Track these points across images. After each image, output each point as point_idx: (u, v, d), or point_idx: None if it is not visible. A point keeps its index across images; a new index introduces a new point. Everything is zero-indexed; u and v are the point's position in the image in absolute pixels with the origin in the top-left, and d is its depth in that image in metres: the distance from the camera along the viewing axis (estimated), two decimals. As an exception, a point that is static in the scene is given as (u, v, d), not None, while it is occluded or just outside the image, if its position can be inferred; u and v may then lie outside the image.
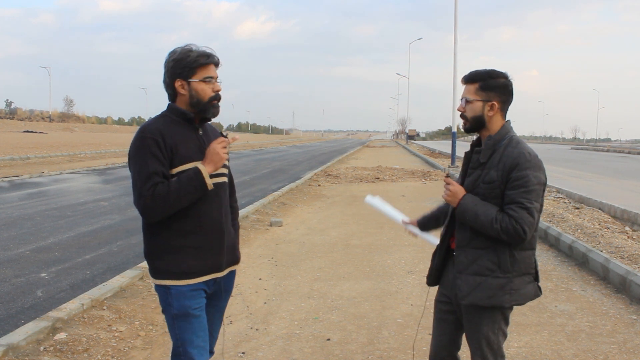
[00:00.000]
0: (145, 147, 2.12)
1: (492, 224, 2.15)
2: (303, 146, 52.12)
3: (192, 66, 2.17)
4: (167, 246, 2.20)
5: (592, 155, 40.88)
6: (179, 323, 2.22)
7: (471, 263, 2.24)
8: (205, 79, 2.19)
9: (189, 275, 2.20)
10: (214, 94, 2.21)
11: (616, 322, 4.28)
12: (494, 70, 2.31)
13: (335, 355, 3.64)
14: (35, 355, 3.45)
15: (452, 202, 2.28)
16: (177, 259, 2.19)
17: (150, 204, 2.09)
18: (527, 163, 2.16)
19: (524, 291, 2.26)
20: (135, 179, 2.13)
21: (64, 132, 55.20)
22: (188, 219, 2.19)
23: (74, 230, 7.63)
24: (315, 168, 20.17)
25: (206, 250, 2.23)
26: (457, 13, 21.43)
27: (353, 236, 7.55)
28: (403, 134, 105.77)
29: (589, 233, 7.50)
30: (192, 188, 2.12)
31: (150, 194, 2.08)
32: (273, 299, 4.78)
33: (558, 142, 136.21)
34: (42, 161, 20.96)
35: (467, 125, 2.32)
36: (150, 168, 2.10)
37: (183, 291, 2.20)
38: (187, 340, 2.22)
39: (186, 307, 2.20)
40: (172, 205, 2.11)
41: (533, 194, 2.15)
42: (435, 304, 2.52)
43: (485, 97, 2.26)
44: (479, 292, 2.23)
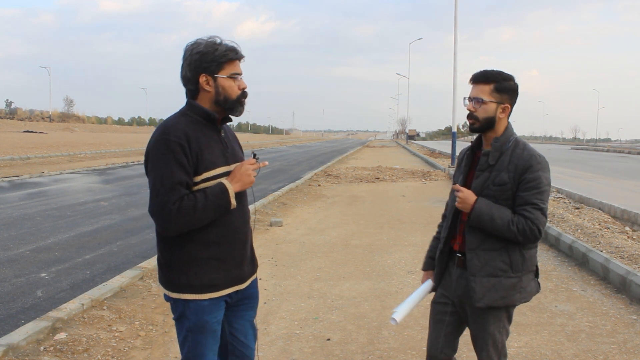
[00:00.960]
0: (170, 153, 1.94)
1: (509, 226, 2.16)
2: (303, 146, 52.12)
3: (220, 61, 2.01)
4: (188, 258, 2.05)
5: (592, 155, 40.88)
6: (194, 336, 2.10)
7: (484, 265, 2.24)
8: (232, 74, 2.05)
9: (210, 289, 2.07)
10: (242, 92, 2.08)
11: (616, 322, 4.28)
12: (503, 72, 2.30)
13: (335, 355, 3.64)
14: (35, 355, 3.45)
15: (465, 208, 2.25)
16: (199, 271, 2.05)
17: (175, 218, 1.93)
18: (539, 165, 2.19)
19: (529, 288, 2.31)
20: (157, 187, 1.95)
21: (64, 132, 55.20)
22: (212, 229, 2.05)
23: (74, 230, 7.63)
24: (315, 168, 20.17)
25: (229, 261, 2.11)
26: (457, 13, 21.43)
27: (353, 236, 7.55)
28: (403, 134, 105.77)
29: (589, 233, 7.50)
30: (217, 206, 1.99)
31: (177, 207, 1.92)
32: (273, 299, 4.78)
33: (558, 142, 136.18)
34: (42, 161, 20.96)
35: (476, 126, 2.29)
36: (176, 178, 1.93)
37: (202, 305, 2.07)
38: (198, 354, 2.11)
39: (204, 322, 2.08)
40: (195, 221, 1.97)
41: (545, 194, 2.19)
42: (433, 305, 2.51)
43: (499, 99, 2.26)
44: (494, 293, 2.23)
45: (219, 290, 2.10)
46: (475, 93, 2.28)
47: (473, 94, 2.29)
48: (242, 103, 2.11)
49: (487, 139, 2.33)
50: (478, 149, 2.38)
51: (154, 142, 2.00)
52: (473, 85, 2.30)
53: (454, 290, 2.38)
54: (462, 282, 2.33)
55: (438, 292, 2.49)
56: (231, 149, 2.17)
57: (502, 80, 2.25)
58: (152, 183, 1.98)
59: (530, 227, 2.15)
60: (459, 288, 2.35)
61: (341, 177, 16.24)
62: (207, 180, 2.02)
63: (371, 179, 15.71)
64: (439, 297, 2.48)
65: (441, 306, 2.45)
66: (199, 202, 1.95)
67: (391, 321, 2.35)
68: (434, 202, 10.86)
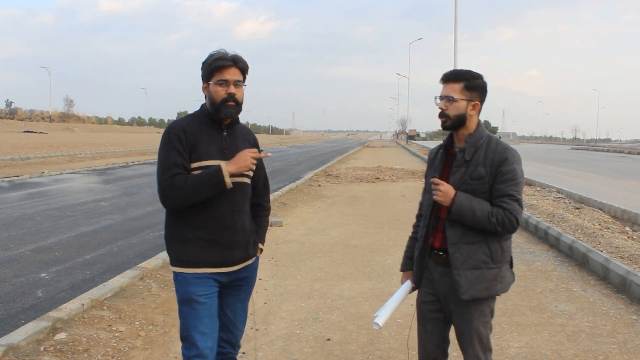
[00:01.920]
0: (169, 142, 2.30)
1: (489, 218, 2.24)
2: (303, 146, 52.13)
3: (209, 69, 2.32)
4: (179, 236, 2.35)
5: (592, 156, 40.88)
6: (184, 308, 2.36)
7: (466, 258, 2.30)
8: (218, 81, 2.30)
9: (195, 265, 2.33)
10: (226, 96, 2.31)
11: (616, 322, 4.28)
12: (472, 70, 2.39)
13: (335, 355, 3.64)
14: (35, 355, 3.45)
15: (445, 202, 2.29)
16: (186, 248, 2.33)
17: (168, 192, 2.26)
18: (513, 158, 2.30)
19: (507, 278, 2.39)
20: (158, 169, 2.31)
21: (64, 132, 55.23)
22: (201, 212, 2.32)
23: (74, 230, 7.63)
24: (315, 168, 20.17)
25: (216, 244, 2.34)
26: (457, 13, 21.45)
27: (353, 236, 7.55)
28: (403, 134, 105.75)
29: (589, 233, 7.50)
30: (210, 183, 2.25)
31: (169, 183, 2.25)
32: (273, 299, 4.78)
33: (558, 142, 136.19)
34: (42, 161, 20.96)
35: (448, 123, 2.36)
36: (172, 160, 2.27)
37: (187, 278, 2.33)
38: (190, 325, 2.33)
39: (190, 293, 2.32)
40: (188, 195, 2.25)
41: (520, 186, 2.30)
42: (420, 306, 2.53)
43: (469, 97, 2.34)
44: (478, 285, 2.29)
45: (204, 268, 2.34)
46: (446, 92, 2.35)
47: (444, 93, 2.36)
48: (227, 106, 2.32)
49: (459, 136, 2.40)
50: (451, 146, 2.45)
51: (163, 134, 2.36)
52: (443, 84, 2.38)
53: (438, 288, 2.43)
54: (446, 279, 2.37)
55: (423, 292, 2.51)
56: (234, 147, 2.39)
57: (472, 79, 2.34)
58: (157, 165, 2.34)
59: (508, 217, 2.23)
60: (443, 285, 2.39)
61: (341, 177, 16.25)
62: (200, 169, 2.30)
63: (371, 179, 15.71)
64: (425, 295, 2.50)
65: (430, 305, 2.48)
66: (191, 179, 2.25)
67: (374, 325, 2.39)
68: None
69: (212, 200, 2.30)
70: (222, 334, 2.49)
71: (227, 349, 2.52)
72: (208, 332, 2.34)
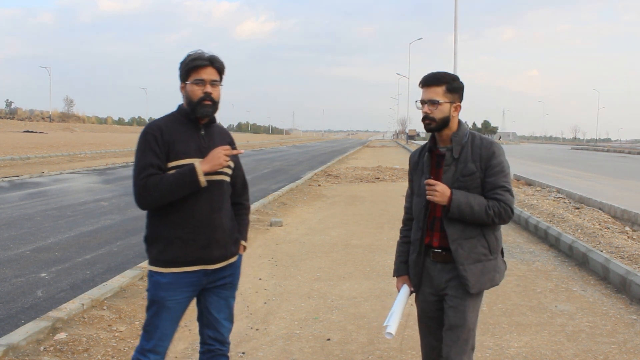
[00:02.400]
0: (145, 142, 2.32)
1: (487, 211, 2.32)
2: (303, 146, 52.13)
3: (186, 69, 2.33)
4: (156, 236, 2.38)
5: (592, 155, 40.90)
6: (152, 308, 2.41)
7: (469, 253, 2.36)
8: (195, 81, 2.32)
9: (172, 264, 2.34)
10: (203, 95, 2.32)
11: (616, 322, 4.28)
12: (449, 72, 2.45)
13: (335, 355, 3.64)
14: (35, 355, 3.45)
15: (442, 201, 2.34)
16: (164, 248, 2.35)
17: (142, 192, 2.27)
18: (499, 151, 2.40)
19: (502, 267, 2.49)
20: (134, 171, 2.32)
21: (64, 132, 55.22)
22: (178, 212, 2.33)
23: (74, 230, 7.63)
24: (315, 168, 20.18)
25: (194, 242, 2.35)
26: (457, 13, 21.43)
27: (353, 236, 7.55)
28: (403, 134, 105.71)
29: (589, 233, 7.50)
30: (184, 182, 2.26)
31: (143, 183, 2.26)
32: (273, 299, 4.78)
33: (558, 142, 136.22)
34: (42, 161, 20.96)
35: (433, 126, 2.40)
36: (147, 160, 2.28)
37: (161, 282, 2.35)
38: (152, 324, 2.40)
39: (160, 297, 2.36)
40: (162, 195, 2.26)
41: (509, 177, 2.40)
42: (422, 305, 2.56)
43: (451, 99, 2.40)
44: (483, 277, 2.38)
45: (181, 266, 2.35)
46: (430, 95, 2.39)
47: (427, 97, 2.40)
48: (203, 105, 2.33)
49: (442, 137, 2.44)
50: (435, 148, 2.49)
51: (139, 136, 2.37)
52: (425, 88, 2.41)
53: (437, 285, 2.46)
54: (444, 275, 2.42)
55: (425, 292, 2.53)
56: (212, 146, 2.39)
57: (452, 81, 2.40)
58: (133, 166, 2.35)
59: (504, 208, 2.32)
60: (441, 281, 2.44)
61: (341, 177, 16.25)
62: (177, 168, 2.31)
63: (371, 179, 15.71)
64: (427, 295, 2.52)
65: (433, 304, 2.51)
66: (165, 178, 2.26)
67: (387, 335, 2.43)
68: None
69: (189, 200, 2.31)
70: (209, 332, 2.52)
71: (216, 345, 2.54)
72: (167, 333, 2.42)
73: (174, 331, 2.46)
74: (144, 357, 2.41)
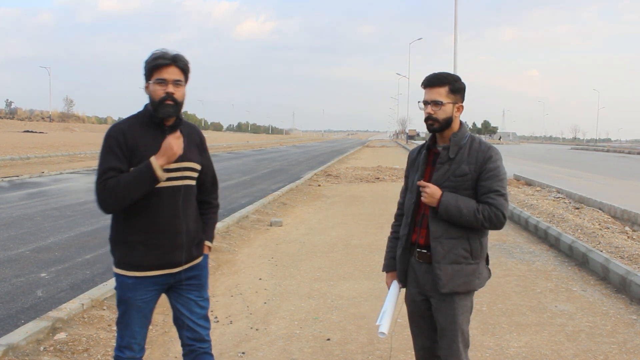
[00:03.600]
0: (107, 146, 2.29)
1: (475, 215, 2.31)
2: (303, 146, 52.12)
3: (148, 68, 2.29)
4: (120, 239, 2.37)
5: (592, 156, 40.90)
6: (121, 308, 2.41)
7: (447, 252, 2.36)
8: (157, 80, 2.27)
9: (136, 268, 2.34)
10: (164, 95, 2.27)
11: (616, 322, 4.28)
12: (451, 73, 2.45)
13: (335, 355, 3.64)
14: (35, 355, 3.45)
15: (432, 203, 2.36)
16: (126, 252, 2.35)
17: (101, 195, 2.24)
18: (497, 155, 2.38)
19: (484, 274, 2.46)
20: (96, 172, 2.29)
21: (64, 132, 55.21)
22: (139, 217, 2.31)
23: (74, 230, 7.63)
24: (315, 168, 20.17)
25: (156, 247, 2.34)
26: (457, 13, 21.43)
27: (353, 236, 7.55)
28: (403, 134, 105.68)
29: (589, 233, 7.50)
30: (142, 179, 2.22)
31: (102, 187, 2.23)
32: (273, 299, 4.78)
33: (558, 142, 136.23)
34: (42, 161, 20.96)
35: (436, 126, 2.40)
36: (107, 164, 2.25)
37: (127, 283, 2.36)
38: (123, 322, 2.41)
39: (127, 298, 2.37)
40: (121, 196, 2.22)
41: (504, 182, 2.38)
42: (411, 305, 2.57)
43: (454, 100, 2.40)
44: (457, 279, 2.36)
45: (145, 271, 2.35)
46: (433, 96, 2.39)
47: (431, 97, 2.40)
48: (165, 105, 2.28)
49: (442, 137, 2.46)
50: (433, 146, 2.50)
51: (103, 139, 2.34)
52: (428, 89, 2.41)
53: (423, 285, 2.47)
54: (429, 277, 2.43)
55: (413, 292, 2.54)
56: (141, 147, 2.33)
57: (454, 82, 2.40)
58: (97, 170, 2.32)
59: (495, 212, 2.30)
60: (427, 282, 2.44)
61: (341, 177, 16.25)
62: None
63: (371, 179, 15.71)
64: (415, 295, 2.53)
65: (421, 304, 2.52)
66: (122, 178, 2.23)
67: (380, 335, 2.42)
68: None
69: (151, 205, 2.30)
70: (186, 333, 2.50)
71: (196, 345, 2.52)
72: (138, 330, 2.42)
73: (146, 326, 2.47)
74: (121, 353, 2.43)
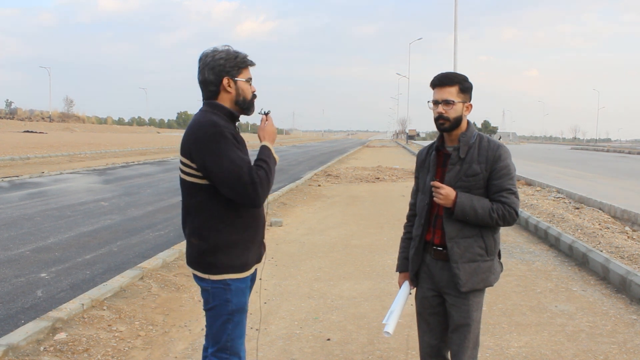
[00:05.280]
0: (230, 141, 2.18)
1: (490, 214, 2.34)
2: (303, 146, 52.11)
3: (240, 66, 2.30)
4: (229, 241, 2.27)
5: (592, 155, 40.91)
6: (236, 319, 2.32)
7: (464, 252, 2.38)
8: (248, 79, 2.35)
9: (246, 267, 2.33)
10: (253, 94, 2.38)
11: (616, 322, 4.28)
12: (459, 73, 2.48)
13: (335, 355, 3.64)
14: (35, 355, 3.45)
15: (447, 204, 2.37)
16: (239, 252, 2.30)
17: (261, 187, 2.17)
18: (506, 154, 2.40)
19: (498, 269, 2.50)
20: (236, 170, 2.13)
21: (64, 132, 55.23)
22: (247, 213, 2.30)
23: (74, 230, 7.63)
24: (315, 168, 20.17)
25: (257, 241, 2.39)
26: (457, 13, 21.44)
27: (353, 236, 7.55)
28: (403, 134, 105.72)
29: (589, 233, 7.50)
30: (273, 164, 2.30)
31: (260, 179, 2.17)
32: (273, 299, 4.78)
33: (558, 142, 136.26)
34: (42, 161, 20.96)
35: (447, 126, 2.41)
36: (245, 157, 2.20)
37: (242, 288, 2.32)
38: (237, 335, 2.34)
39: (243, 303, 2.35)
40: (271, 184, 2.26)
41: (514, 179, 2.42)
42: (422, 301, 2.57)
43: (464, 99, 2.42)
44: (475, 277, 2.39)
45: (250, 269, 2.36)
46: (444, 95, 2.39)
47: (440, 97, 2.40)
48: (254, 104, 2.39)
49: (451, 137, 2.46)
50: (442, 147, 2.51)
51: (208, 136, 2.17)
52: (438, 88, 2.42)
53: (438, 282, 2.48)
54: (445, 273, 2.44)
55: (424, 288, 2.55)
56: (243, 141, 2.39)
57: (463, 81, 2.42)
58: (226, 169, 2.14)
59: (508, 210, 2.34)
60: (442, 279, 2.45)
61: (341, 177, 16.25)
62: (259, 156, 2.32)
63: (371, 179, 15.71)
64: (426, 291, 2.54)
65: (432, 299, 2.53)
66: (266, 167, 2.24)
67: (385, 334, 2.43)
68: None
69: None
70: None
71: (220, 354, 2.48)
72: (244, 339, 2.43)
73: None
74: None
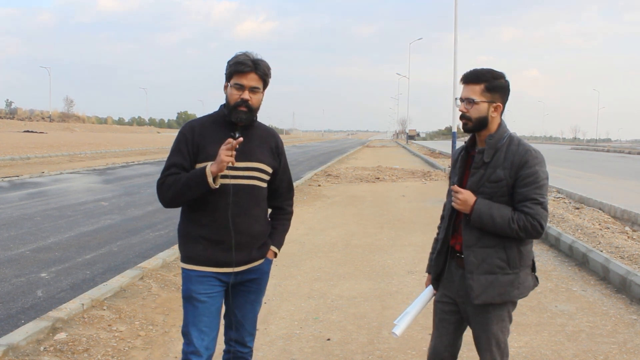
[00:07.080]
0: (176, 142, 2.40)
1: (510, 224, 2.17)
2: (303, 146, 52.10)
3: (229, 71, 2.34)
4: (185, 233, 2.44)
5: (592, 155, 40.90)
6: (185, 304, 2.43)
7: (481, 262, 2.24)
8: (235, 84, 2.32)
9: (197, 262, 2.38)
10: (239, 101, 2.31)
11: (616, 322, 4.27)
12: (494, 70, 2.29)
13: (335, 355, 3.64)
14: (35, 355, 3.45)
15: (465, 209, 2.25)
16: (190, 245, 2.40)
17: (159, 190, 2.36)
18: (535, 160, 2.19)
19: (527, 283, 2.32)
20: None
21: (64, 132, 55.23)
22: (204, 212, 2.37)
23: (74, 230, 7.63)
24: (315, 168, 20.17)
25: (217, 245, 2.37)
26: (457, 13, 21.42)
27: (353, 236, 7.55)
28: (403, 134, 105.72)
29: (589, 233, 7.50)
30: (195, 183, 2.28)
31: (161, 182, 2.35)
32: (273, 299, 4.78)
33: (558, 142, 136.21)
34: (42, 161, 20.95)
35: (469, 126, 2.28)
36: (171, 160, 2.37)
37: (190, 276, 2.39)
38: (189, 322, 2.40)
39: (190, 291, 2.39)
40: (177, 194, 2.32)
41: (543, 188, 2.20)
42: (436, 304, 2.50)
43: (491, 99, 2.25)
44: (491, 290, 2.23)
45: (203, 266, 2.38)
46: (467, 94, 2.27)
47: (464, 95, 2.28)
48: (238, 111, 2.32)
49: (480, 138, 2.32)
50: (472, 148, 2.37)
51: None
52: (464, 85, 2.29)
53: (457, 291, 2.38)
54: (464, 283, 2.32)
55: (440, 292, 2.48)
56: (248, 150, 2.37)
57: (493, 79, 2.25)
58: None
59: (531, 222, 2.15)
60: (462, 289, 2.34)
61: (341, 177, 16.24)
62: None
63: (371, 179, 15.71)
64: (441, 296, 2.47)
65: (444, 305, 2.44)
66: (179, 179, 2.31)
67: (392, 334, 2.39)
68: (434, 202, 10.86)
69: (213, 202, 2.34)
70: (231, 333, 2.55)
71: (236, 347, 2.56)
72: (205, 331, 2.39)
73: (215, 329, 2.44)
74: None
